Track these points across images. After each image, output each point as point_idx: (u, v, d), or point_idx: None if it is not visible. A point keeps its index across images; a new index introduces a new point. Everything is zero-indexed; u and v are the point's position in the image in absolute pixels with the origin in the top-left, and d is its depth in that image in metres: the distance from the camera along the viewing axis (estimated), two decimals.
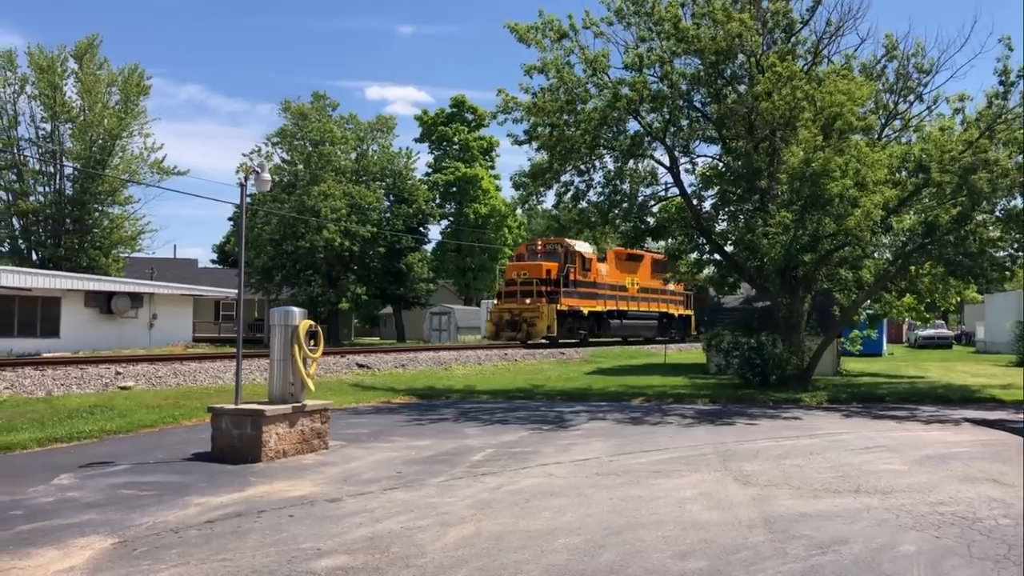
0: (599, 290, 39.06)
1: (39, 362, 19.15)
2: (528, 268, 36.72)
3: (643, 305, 43.08)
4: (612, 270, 40.67)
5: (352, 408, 15.98)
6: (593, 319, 38.71)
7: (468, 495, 8.18)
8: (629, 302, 41.60)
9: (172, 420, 13.65)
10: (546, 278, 35.95)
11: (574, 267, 37.23)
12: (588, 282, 38.14)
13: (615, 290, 40.56)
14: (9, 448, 10.84)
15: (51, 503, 7.78)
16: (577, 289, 37.18)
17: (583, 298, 37.55)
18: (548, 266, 36.62)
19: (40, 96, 48.00)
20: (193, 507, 7.66)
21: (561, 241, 37.54)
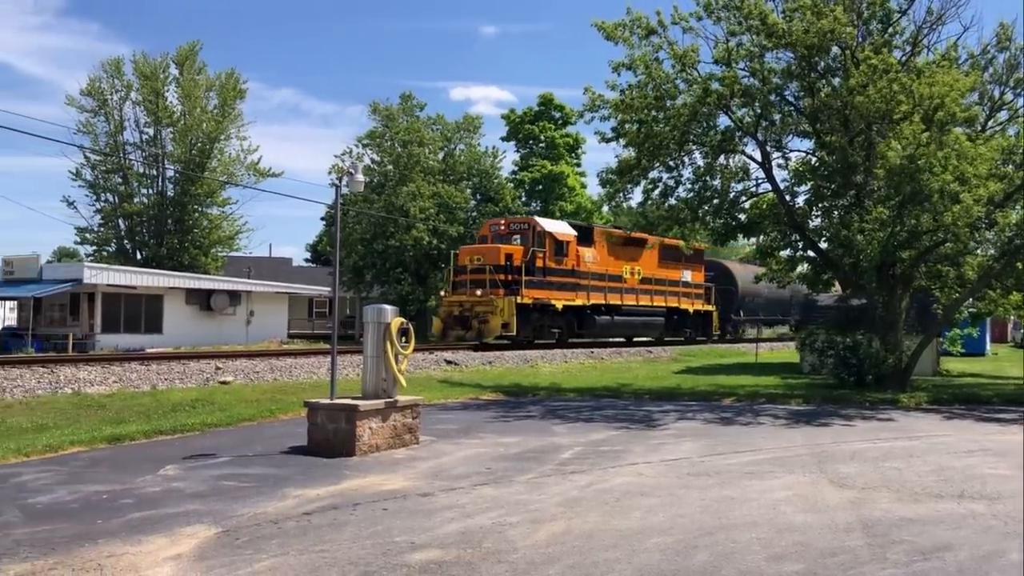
0: (581, 280, 31.62)
1: (144, 357, 19.98)
2: (482, 252, 29.47)
3: (645, 299, 35.49)
4: (602, 256, 33.21)
5: (441, 404, 16.18)
6: (572, 315, 31.69)
7: (557, 493, 8.20)
8: (625, 295, 34.08)
9: (269, 414, 14.07)
10: (504, 264, 28.73)
11: (543, 252, 30.04)
12: (564, 270, 30.93)
13: (605, 280, 33.01)
14: (119, 439, 11.35)
15: (158, 493, 8.12)
16: (547, 278, 29.97)
17: (557, 289, 30.34)
18: (508, 250, 29.40)
19: (144, 102, 50.03)
20: (291, 499, 7.89)
21: (528, 220, 31.61)
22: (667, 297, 36.84)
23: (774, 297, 44.38)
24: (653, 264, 36.14)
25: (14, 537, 6.45)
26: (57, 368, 16.58)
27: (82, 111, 49.82)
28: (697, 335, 39.72)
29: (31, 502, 7.64)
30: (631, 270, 34.82)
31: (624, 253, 34.53)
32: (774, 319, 48.48)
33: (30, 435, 11.54)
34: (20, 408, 13.45)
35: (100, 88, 49.92)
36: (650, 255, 35.84)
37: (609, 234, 34.14)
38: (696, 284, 39.24)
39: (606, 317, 32.99)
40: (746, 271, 43.23)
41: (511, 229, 31.28)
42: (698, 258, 38.85)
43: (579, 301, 31.40)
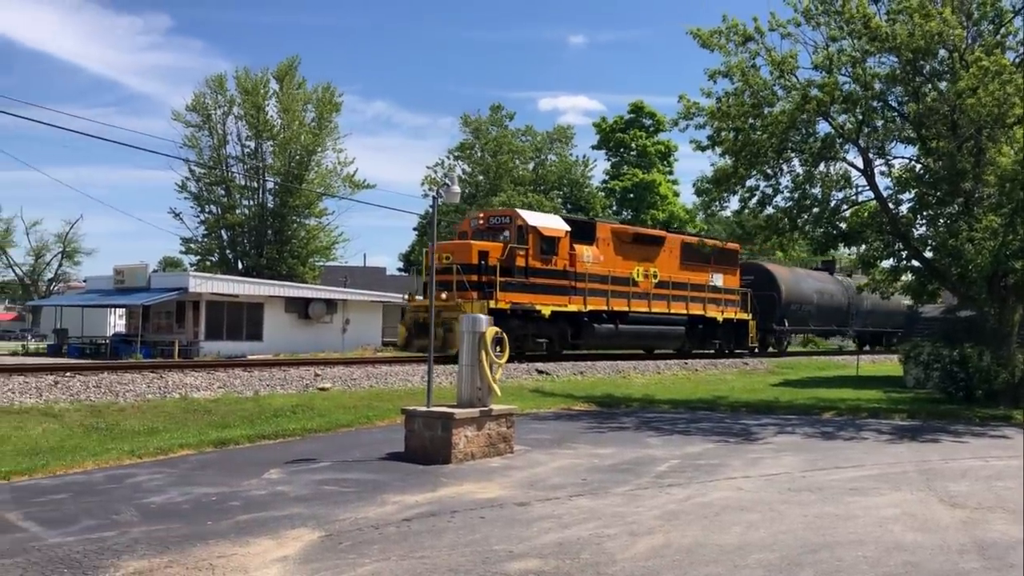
0: (576, 282, 26.95)
1: (247, 364, 20.64)
2: (453, 250, 25.04)
3: (660, 305, 30.33)
4: (607, 256, 28.56)
5: (533, 414, 16.21)
6: (565, 323, 27.23)
7: (655, 505, 8.12)
8: (635, 300, 29.15)
9: (366, 420, 14.34)
10: (478, 264, 24.43)
11: (526, 249, 25.56)
12: (553, 271, 26.38)
13: (608, 283, 28.12)
14: (224, 443, 11.74)
15: (264, 496, 8.36)
16: (531, 280, 25.51)
17: (543, 292, 25.87)
18: (483, 247, 25.03)
19: (246, 116, 51.82)
20: (390, 505, 8.02)
21: (509, 212, 27.52)
22: (689, 304, 31.71)
23: (828, 305, 40.48)
24: (673, 265, 31.23)
25: (132, 535, 6.75)
26: (165, 374, 17.26)
27: (187, 126, 51.96)
28: (729, 347, 34.69)
29: (146, 502, 7.97)
30: (644, 272, 29.76)
31: (636, 252, 29.82)
32: (827, 329, 43.58)
33: (142, 437, 12.04)
34: (132, 411, 14.05)
35: (204, 103, 51.96)
36: (669, 255, 31.18)
37: (617, 231, 29.98)
38: (728, 289, 33.92)
39: (608, 326, 28.26)
40: (793, 275, 39.37)
41: (491, 224, 26.76)
42: (731, 259, 34.38)
43: (573, 307, 26.80)
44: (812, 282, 40.19)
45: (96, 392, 15.15)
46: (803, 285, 39.14)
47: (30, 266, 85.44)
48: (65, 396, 14.64)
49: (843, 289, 41.63)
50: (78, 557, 6.14)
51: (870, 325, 44.42)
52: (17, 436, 11.62)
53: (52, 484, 8.84)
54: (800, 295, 38.42)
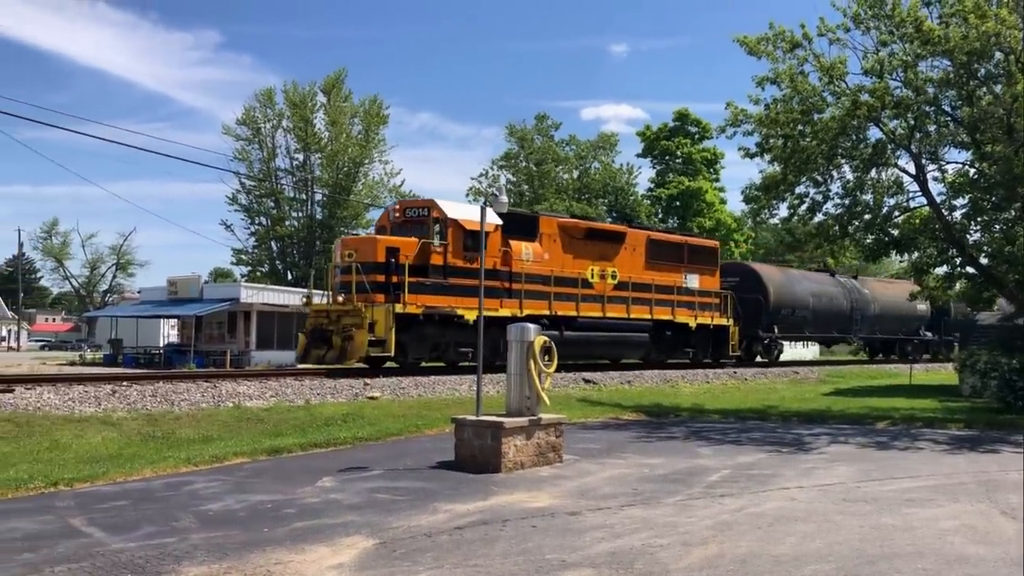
0: (512, 283, 23.59)
1: (297, 372, 20.87)
2: (357, 246, 22.13)
3: (618, 309, 26.54)
4: (553, 253, 25.06)
5: (581, 423, 16.19)
6: (499, 330, 23.35)
7: (707, 515, 8.06)
8: (586, 304, 25.56)
9: (416, 429, 14.45)
10: (384, 262, 21.18)
11: (445, 245, 22.28)
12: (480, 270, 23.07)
13: (551, 284, 24.56)
14: (278, 451, 11.91)
15: (318, 504, 8.48)
16: (451, 281, 22.18)
17: (468, 295, 21.84)
18: (392, 242, 21.81)
19: (294, 129, 52.64)
20: (442, 513, 8.08)
21: (427, 203, 23.68)
22: (655, 307, 27.76)
23: (826, 309, 36.38)
24: (636, 265, 27.54)
25: (191, 541, 6.89)
26: (219, 383, 17.55)
27: (238, 139, 52.96)
28: (705, 356, 30.65)
29: (203, 509, 8.13)
30: (600, 272, 26.19)
31: (590, 250, 26.17)
32: (827, 336, 39.62)
33: (197, 445, 12.25)
34: (187, 420, 14.31)
35: (254, 117, 52.90)
36: (631, 254, 27.45)
37: (566, 225, 26.17)
38: (705, 292, 29.97)
39: (552, 333, 23.12)
40: (784, 276, 35.32)
41: (407, 216, 23.30)
42: (708, 259, 30.81)
43: (506, 311, 23.00)
44: (808, 284, 36.24)
45: (152, 401, 15.45)
46: (796, 287, 35.15)
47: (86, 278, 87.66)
48: (123, 405, 14.96)
49: (845, 292, 37.97)
50: (141, 562, 6.28)
51: (879, 331, 40.54)
52: (78, 444, 11.91)
53: (113, 491, 9.05)
54: (792, 298, 34.60)
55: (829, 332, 38.54)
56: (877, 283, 42.59)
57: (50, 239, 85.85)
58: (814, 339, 40.70)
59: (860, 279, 40.53)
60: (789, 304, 34.38)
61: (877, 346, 43.20)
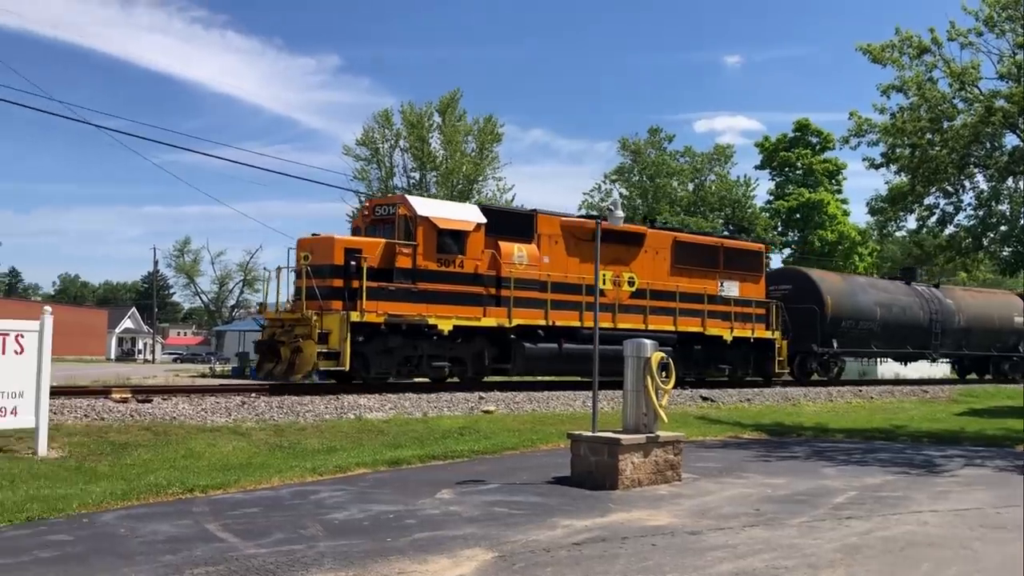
0: (499, 289, 21.19)
1: (414, 386, 21.29)
2: (313, 247, 19.52)
3: (634, 319, 23.72)
4: (554, 257, 22.58)
5: (699, 441, 15.91)
6: (484, 341, 21.39)
7: (834, 538, 7.80)
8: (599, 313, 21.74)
9: (531, 444, 14.51)
10: (343, 265, 19.10)
11: (414, 246, 19.88)
12: (458, 274, 20.60)
13: (549, 291, 22.03)
14: (397, 463, 12.17)
15: (437, 515, 8.62)
16: (420, 285, 19.85)
17: (442, 301, 20.14)
18: (352, 243, 19.82)
19: (411, 148, 53.83)
20: (560, 528, 8.09)
21: (399, 200, 21.41)
22: (680, 318, 24.78)
23: (898, 321, 32.53)
24: (658, 270, 24.80)
25: (318, 549, 7.12)
26: (341, 396, 18.06)
27: (357, 159, 54.50)
28: (744, 373, 27.48)
29: (329, 518, 8.38)
30: (614, 278, 23.63)
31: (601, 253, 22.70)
32: (900, 352, 34.85)
33: (322, 456, 12.64)
34: (312, 431, 14.78)
35: (372, 138, 54.37)
36: (653, 257, 24.74)
37: (570, 225, 23.39)
38: (745, 300, 26.68)
39: (547, 345, 22.05)
40: (846, 284, 32.10)
41: (376, 215, 21.14)
42: (751, 263, 27.51)
43: (491, 320, 20.88)
44: (874, 293, 32.66)
45: (279, 412, 16.04)
46: (859, 297, 31.67)
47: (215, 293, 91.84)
48: (251, 416, 15.58)
49: (922, 302, 33.96)
50: (272, 568, 6.53)
51: (966, 347, 36.04)
52: (211, 452, 12.46)
53: (244, 498, 9.44)
54: (855, 309, 31.07)
55: (902, 347, 33.97)
56: (964, 292, 38.33)
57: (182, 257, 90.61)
58: (883, 355, 35.96)
59: (943, 288, 36.43)
60: (851, 315, 30.93)
61: (965, 364, 38.88)
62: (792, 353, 28.65)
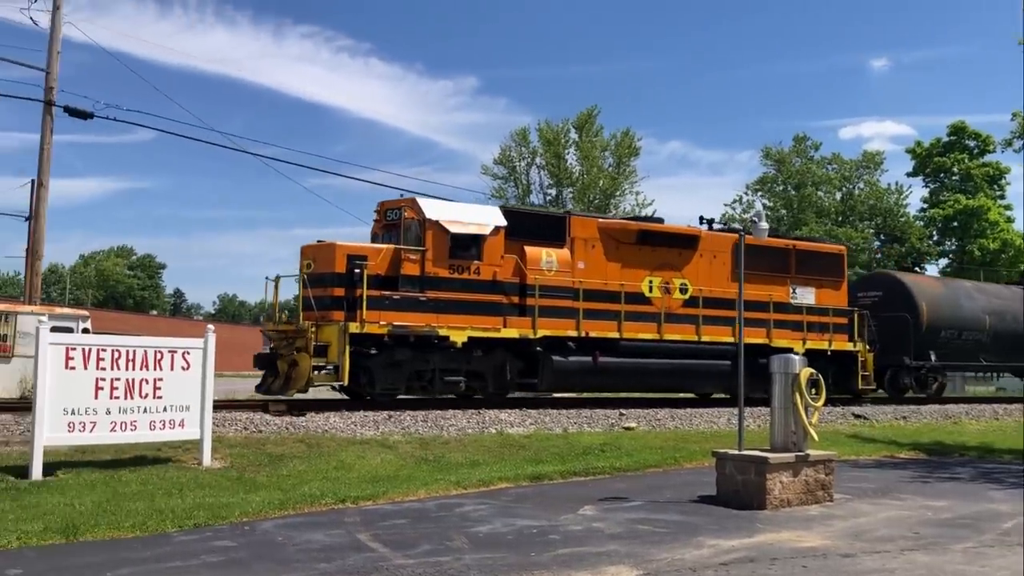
0: (523, 298, 19.50)
1: (555, 402, 21.37)
2: (315, 254, 18.37)
3: (685, 330, 21.76)
4: (591, 262, 20.76)
5: (852, 461, 15.25)
6: (506, 353, 19.47)
7: (1003, 566, 7.32)
8: (637, 323, 21.08)
9: (673, 461, 14.29)
10: (346, 273, 17.86)
11: (423, 252, 18.46)
12: (473, 281, 18.95)
13: (581, 299, 20.16)
14: (539, 478, 12.23)
15: (580, 531, 8.62)
16: (429, 294, 18.36)
17: (454, 311, 18.59)
18: (356, 250, 18.36)
19: (547, 166, 54.28)
20: (706, 548, 7.93)
21: (408, 202, 19.44)
22: (749, 329, 21.02)
23: (1011, 331, 29.01)
24: (716, 275, 22.64)
25: (464, 561, 7.25)
26: (483, 411, 18.34)
27: (495, 178, 55.33)
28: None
29: (473, 531, 8.52)
30: (664, 284, 21.74)
31: (646, 258, 21.63)
32: (1017, 367, 30.79)
33: (465, 469, 12.86)
34: (455, 445, 15.08)
35: (510, 156, 55.13)
36: (710, 262, 22.68)
37: (609, 228, 21.62)
38: (822, 309, 24.12)
39: (581, 359, 20.05)
40: (946, 290, 28.92)
41: (387, 220, 19.55)
42: (830, 268, 24.89)
43: (512, 331, 19.20)
44: (983, 300, 29.43)
45: (423, 426, 16.44)
46: (963, 304, 28.56)
47: None
48: (397, 429, 16.04)
49: None
50: None
51: None
52: (360, 464, 12.89)
53: (393, 509, 9.72)
54: (956, 317, 27.98)
55: (1017, 361, 30.11)
56: None
57: None
58: (995, 369, 31.88)
59: None
60: (952, 324, 27.87)
61: None
62: (881, 367, 26.03)
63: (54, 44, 22.40)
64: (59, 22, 22.42)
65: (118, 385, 11.31)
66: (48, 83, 22.06)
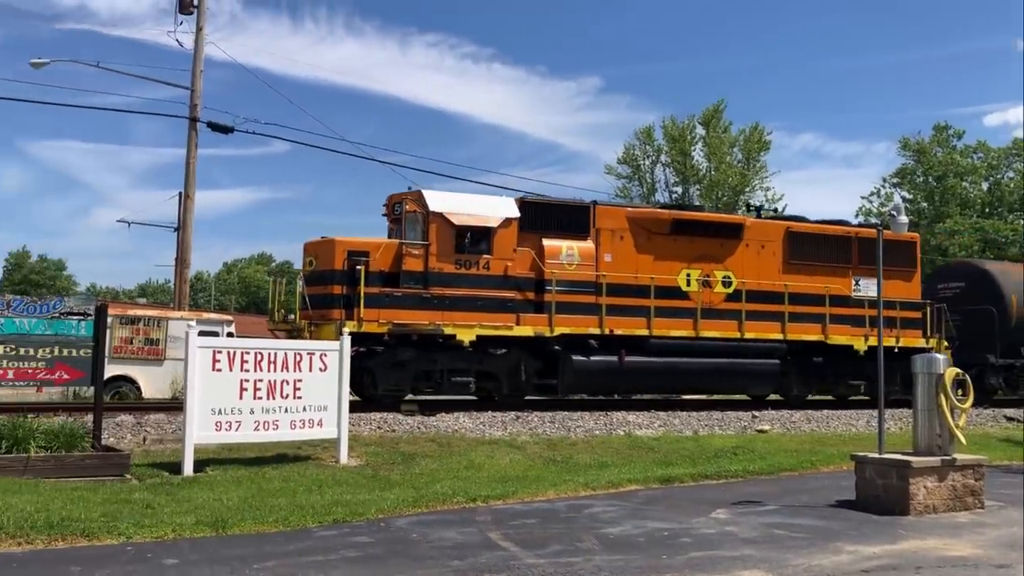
0: (539, 293, 18.27)
1: (684, 403, 21.05)
2: (317, 251, 17.80)
3: (726, 326, 19.95)
4: (619, 254, 19.26)
5: (1005, 466, 14.40)
6: (521, 353, 18.26)
7: None
8: (670, 319, 19.37)
9: (810, 465, 13.87)
10: (347, 269, 17.03)
11: (425, 247, 17.49)
12: (482, 276, 17.80)
13: (604, 294, 18.72)
14: (668, 481, 12.10)
15: (713, 535, 8.47)
16: (432, 291, 17.32)
17: (461, 308, 17.48)
18: (356, 245, 17.44)
19: (673, 163, 53.57)
20: (845, 554, 7.67)
21: (413, 196, 18.21)
22: (791, 324, 20.45)
23: None
24: (765, 267, 20.77)
25: (595, 563, 7.25)
26: (610, 412, 18.24)
27: (619, 177, 55.02)
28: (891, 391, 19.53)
29: (603, 532, 8.50)
30: (703, 277, 19.99)
31: (683, 249, 19.90)
32: None
33: (593, 471, 12.84)
34: (583, 446, 15.06)
35: (634, 155, 54.71)
36: (757, 253, 20.76)
37: (640, 217, 20.07)
38: (888, 302, 19.52)
39: (605, 359, 18.61)
40: None
41: (395, 213, 18.56)
42: (901, 257, 21.80)
43: (526, 328, 17.97)
44: None
45: (551, 427, 16.50)
46: None
47: None
48: (525, 430, 16.16)
49: None
50: None
51: None
52: (489, 464, 13.06)
53: (522, 509, 9.81)
54: None
55: None
56: None
57: None
58: None
59: None
60: None
61: None
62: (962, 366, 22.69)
63: (197, 63, 23.67)
64: (201, 42, 23.68)
65: (261, 386, 11.86)
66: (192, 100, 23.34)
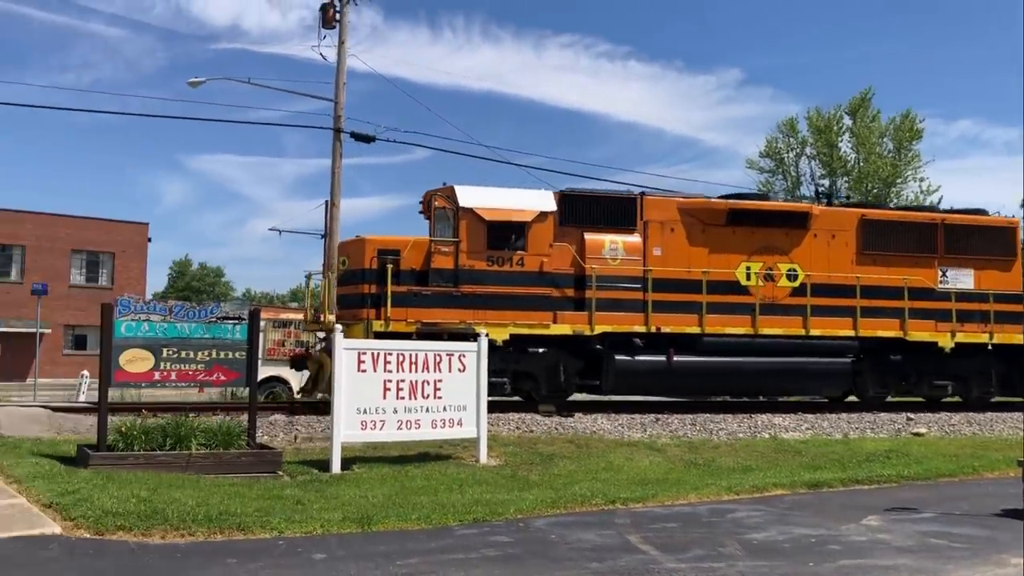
0: (578, 291, 17.52)
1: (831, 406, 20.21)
2: (349, 250, 17.74)
3: (790, 323, 18.51)
4: (670, 248, 18.17)
5: None
6: (560, 352, 17.37)
7: None
8: (725, 316, 18.12)
9: (971, 470, 13.10)
10: (378, 268, 16.65)
11: (456, 244, 16.97)
12: (516, 274, 17.10)
13: (649, 290, 17.71)
14: (817, 485, 11.67)
15: (864, 542, 8.10)
16: (463, 289, 16.77)
17: (493, 306, 16.81)
18: (387, 243, 17.08)
19: (818, 155, 51.62)
20: (1010, 567, 7.20)
21: (444, 192, 17.67)
22: (864, 319, 18.86)
23: None
24: (836, 259, 19.27)
25: (738, 568, 7.07)
26: (755, 414, 17.76)
27: (761, 172, 53.44)
28: (985, 392, 20.16)
29: (747, 538, 8.28)
30: (765, 271, 18.73)
31: (742, 241, 18.70)
32: None
33: (737, 475, 12.52)
34: (726, 449, 14.73)
35: (777, 148, 53.02)
36: (828, 243, 19.27)
37: (693, 208, 18.75)
38: (981, 294, 19.70)
39: (652, 358, 17.53)
40: None
41: (427, 211, 18.35)
42: (989, 245, 20.39)
43: (564, 328, 17.17)
44: None
45: (692, 429, 16.22)
46: None
47: None
48: (665, 432, 15.95)
49: None
50: None
51: None
52: (629, 466, 12.96)
53: (662, 512, 9.68)
54: None
55: None
56: None
57: None
58: None
59: None
60: None
61: None
62: None
63: (340, 76, 24.52)
64: (344, 55, 24.51)
65: (403, 386, 12.21)
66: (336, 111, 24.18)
